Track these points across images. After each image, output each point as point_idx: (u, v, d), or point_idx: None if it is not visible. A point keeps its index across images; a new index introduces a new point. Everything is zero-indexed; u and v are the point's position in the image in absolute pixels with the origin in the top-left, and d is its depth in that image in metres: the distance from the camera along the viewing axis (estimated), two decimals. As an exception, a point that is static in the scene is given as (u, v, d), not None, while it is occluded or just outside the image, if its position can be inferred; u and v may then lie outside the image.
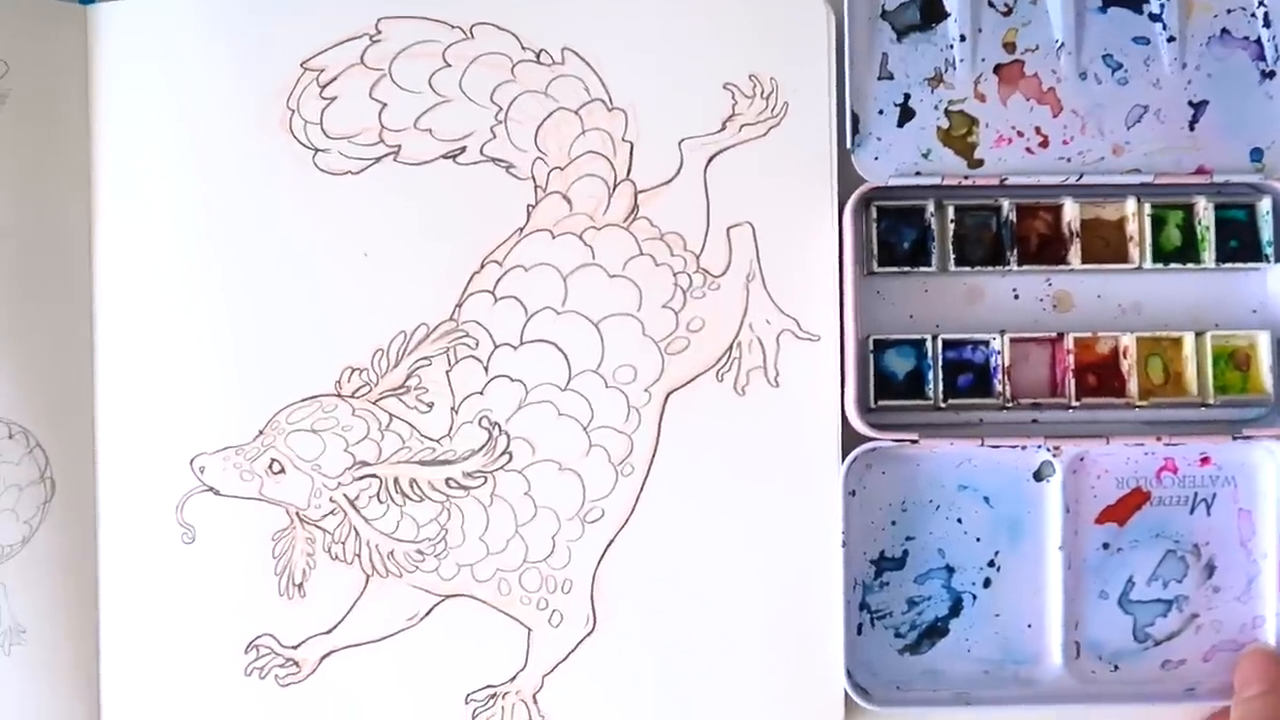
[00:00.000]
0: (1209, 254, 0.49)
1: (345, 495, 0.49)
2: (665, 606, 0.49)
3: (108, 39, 0.50)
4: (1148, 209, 0.49)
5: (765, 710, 0.49)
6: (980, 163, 0.49)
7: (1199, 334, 0.49)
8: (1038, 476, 0.49)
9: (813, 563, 0.49)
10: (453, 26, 0.50)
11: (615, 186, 0.50)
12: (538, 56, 0.50)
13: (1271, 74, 0.49)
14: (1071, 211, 0.49)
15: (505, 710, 0.49)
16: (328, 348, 0.49)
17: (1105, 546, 0.50)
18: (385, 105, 0.50)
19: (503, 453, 0.49)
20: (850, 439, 0.48)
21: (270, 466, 0.49)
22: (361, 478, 0.49)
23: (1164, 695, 0.49)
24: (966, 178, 0.48)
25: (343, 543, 0.49)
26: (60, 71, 0.49)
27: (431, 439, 0.49)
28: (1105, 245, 0.49)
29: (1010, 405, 0.48)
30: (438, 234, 0.50)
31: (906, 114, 0.49)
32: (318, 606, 0.49)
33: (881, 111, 0.49)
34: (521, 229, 0.50)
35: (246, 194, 0.49)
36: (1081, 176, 0.48)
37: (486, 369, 0.49)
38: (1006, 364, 0.48)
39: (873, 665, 0.49)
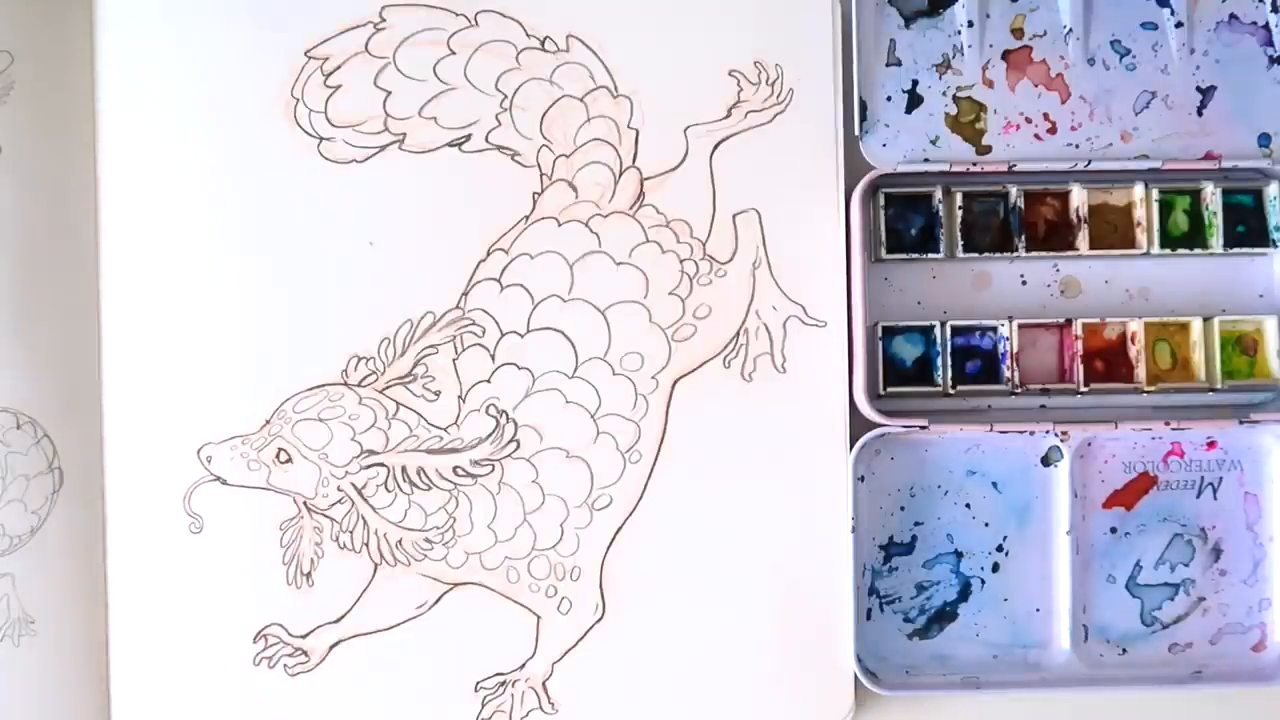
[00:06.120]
0: (1216, 239, 0.49)
1: (353, 484, 0.49)
2: (674, 593, 0.49)
3: (113, 28, 0.49)
4: (1155, 194, 0.49)
5: (775, 695, 0.49)
6: (988, 149, 0.49)
7: (1206, 319, 0.49)
8: (1046, 462, 0.50)
9: (821, 548, 0.49)
10: (457, 14, 0.50)
11: (621, 173, 0.50)
12: (542, 44, 0.50)
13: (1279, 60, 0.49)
14: (1079, 197, 0.49)
15: (515, 698, 0.49)
16: (334, 336, 0.49)
17: (1113, 530, 0.50)
18: (390, 93, 0.49)
19: (510, 440, 0.49)
20: (859, 425, 0.48)
21: (277, 456, 0.49)
22: (369, 466, 0.49)
23: (1171, 678, 0.49)
24: (974, 164, 0.48)
25: (351, 531, 0.49)
26: (65, 61, 0.49)
27: (439, 427, 0.49)
28: (1113, 231, 0.49)
29: (1018, 391, 0.48)
30: (443, 222, 0.49)
31: (914, 100, 0.49)
32: (326, 595, 0.49)
33: (889, 98, 0.49)
34: (527, 217, 0.50)
35: (251, 183, 0.49)
36: (1089, 163, 0.48)
37: (493, 357, 0.49)
38: (1015, 350, 0.48)
39: (882, 650, 0.50)
